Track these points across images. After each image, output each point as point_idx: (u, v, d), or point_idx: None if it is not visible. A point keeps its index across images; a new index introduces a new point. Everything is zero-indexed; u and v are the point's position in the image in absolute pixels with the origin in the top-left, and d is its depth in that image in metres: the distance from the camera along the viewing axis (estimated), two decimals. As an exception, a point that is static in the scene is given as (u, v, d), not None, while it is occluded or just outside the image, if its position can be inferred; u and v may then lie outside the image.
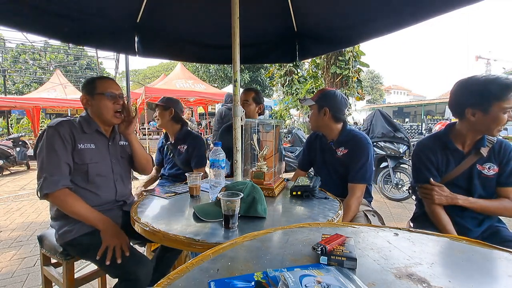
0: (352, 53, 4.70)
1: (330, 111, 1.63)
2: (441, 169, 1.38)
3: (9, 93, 18.59)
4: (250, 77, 18.30)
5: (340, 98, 1.65)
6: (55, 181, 1.22)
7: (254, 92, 2.19)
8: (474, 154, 1.32)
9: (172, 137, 2.17)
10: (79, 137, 1.33)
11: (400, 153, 4.21)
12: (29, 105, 10.28)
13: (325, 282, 0.56)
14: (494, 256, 0.73)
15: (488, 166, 1.31)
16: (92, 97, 1.38)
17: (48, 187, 1.21)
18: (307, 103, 1.73)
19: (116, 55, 10.76)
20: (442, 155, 1.38)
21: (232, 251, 0.74)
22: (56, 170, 1.24)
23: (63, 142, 1.27)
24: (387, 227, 0.90)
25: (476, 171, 1.32)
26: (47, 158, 1.24)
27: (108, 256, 1.18)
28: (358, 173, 1.54)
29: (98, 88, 1.38)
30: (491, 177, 1.31)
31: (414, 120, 25.87)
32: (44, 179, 1.22)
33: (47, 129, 1.29)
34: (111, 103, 1.39)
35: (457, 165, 1.35)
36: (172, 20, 2.21)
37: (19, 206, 4.01)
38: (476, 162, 1.32)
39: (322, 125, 1.69)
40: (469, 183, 1.34)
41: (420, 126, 10.86)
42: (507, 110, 1.21)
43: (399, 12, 1.58)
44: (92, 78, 1.45)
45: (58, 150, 1.25)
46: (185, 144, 2.10)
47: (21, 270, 2.28)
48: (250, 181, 1.18)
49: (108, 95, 1.38)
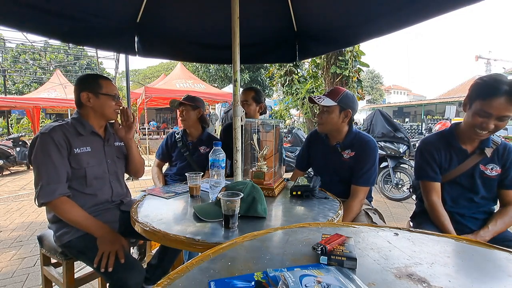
0: (352, 53, 4.69)
1: (352, 114, 1.57)
2: (444, 166, 1.38)
3: (9, 93, 18.57)
4: (250, 77, 18.29)
5: (356, 100, 1.61)
6: (52, 190, 1.21)
7: (254, 91, 2.15)
8: (478, 154, 1.32)
9: (194, 137, 2.14)
10: (74, 142, 1.31)
11: (400, 153, 4.21)
12: (29, 105, 10.27)
13: (325, 282, 0.56)
14: (494, 256, 0.73)
15: (491, 167, 1.31)
16: (97, 96, 1.38)
17: (44, 196, 1.20)
18: (326, 103, 1.53)
19: (116, 55, 10.75)
20: (446, 152, 1.38)
21: (232, 251, 0.74)
22: (52, 178, 1.22)
23: (58, 149, 1.25)
24: (387, 227, 0.90)
25: (478, 171, 1.32)
26: (42, 166, 1.23)
27: (102, 263, 1.17)
28: (363, 176, 1.52)
29: (103, 89, 1.39)
30: (493, 177, 1.31)
31: (414, 120, 25.85)
32: (41, 187, 1.21)
33: (40, 136, 1.26)
34: (114, 104, 1.44)
35: (460, 164, 1.35)
36: (172, 20, 2.21)
37: (19, 206, 4.01)
38: (480, 162, 1.32)
39: (336, 128, 1.59)
40: (471, 182, 1.34)
41: (420, 126, 10.87)
42: (483, 114, 1.19)
43: (399, 12, 1.57)
44: (93, 76, 1.45)
45: (54, 157, 1.24)
46: (208, 146, 2.09)
47: (21, 270, 2.28)
48: (250, 181, 1.18)
49: (113, 96, 1.42)
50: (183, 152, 2.10)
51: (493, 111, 1.16)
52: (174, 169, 2.14)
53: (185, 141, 2.13)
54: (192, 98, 2.11)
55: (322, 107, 1.58)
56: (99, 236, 1.25)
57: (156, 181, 2.10)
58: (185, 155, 2.10)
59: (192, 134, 2.15)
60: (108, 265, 1.17)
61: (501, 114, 1.16)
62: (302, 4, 2.06)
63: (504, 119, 1.18)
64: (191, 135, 2.16)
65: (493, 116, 1.17)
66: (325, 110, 1.57)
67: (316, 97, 1.57)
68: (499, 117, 1.17)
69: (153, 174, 2.16)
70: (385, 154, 4.30)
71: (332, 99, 1.54)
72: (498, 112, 1.16)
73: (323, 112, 1.58)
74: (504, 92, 1.13)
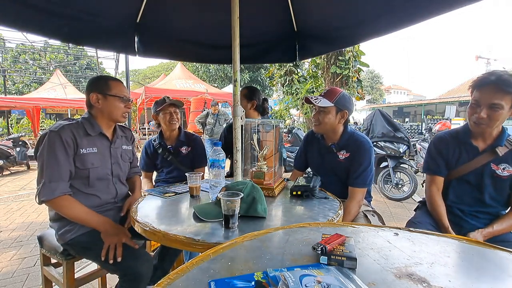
0: (352, 53, 4.69)
1: (348, 115, 1.58)
2: (451, 162, 1.39)
3: (9, 93, 18.58)
4: (250, 77, 18.29)
5: (352, 100, 1.63)
6: (53, 188, 1.22)
7: (247, 89, 2.14)
8: (490, 152, 1.30)
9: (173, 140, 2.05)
10: (81, 142, 1.32)
11: (400, 153, 4.21)
12: (29, 105, 10.28)
13: (325, 282, 0.56)
14: (494, 256, 0.73)
15: (503, 167, 1.28)
16: (105, 97, 1.38)
17: (45, 194, 1.21)
18: (323, 104, 1.52)
19: (116, 55, 10.77)
20: (455, 148, 1.39)
21: (232, 251, 0.74)
22: (55, 177, 1.23)
23: (64, 148, 1.26)
24: (387, 227, 0.90)
25: (489, 170, 1.30)
26: (47, 163, 1.23)
27: (110, 255, 1.19)
28: (359, 177, 1.52)
29: (112, 90, 1.39)
30: (505, 178, 1.28)
31: (414, 120, 25.83)
32: (43, 185, 1.21)
33: (48, 133, 1.27)
34: (123, 106, 1.43)
35: (470, 161, 1.34)
36: (172, 20, 2.21)
37: (19, 206, 4.01)
38: (491, 161, 1.30)
39: (332, 129, 1.60)
40: (479, 181, 1.33)
41: (420, 126, 10.88)
42: (474, 104, 1.25)
43: (399, 11, 1.57)
44: (104, 77, 1.45)
45: (59, 156, 1.24)
46: (188, 146, 2.06)
47: (21, 270, 2.28)
48: (250, 181, 1.18)
49: (122, 98, 1.42)
50: (166, 157, 2.03)
51: (481, 99, 1.22)
52: (162, 175, 2.10)
53: (165, 146, 2.04)
54: (177, 100, 2.03)
55: (319, 108, 1.57)
56: (103, 230, 1.26)
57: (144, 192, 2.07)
58: (169, 160, 2.03)
59: (171, 137, 2.05)
60: (117, 255, 1.19)
61: (489, 102, 1.20)
62: (302, 4, 2.06)
63: (494, 108, 1.20)
64: (170, 139, 2.06)
65: (482, 105, 1.22)
66: (321, 110, 1.56)
67: (312, 98, 1.56)
68: (489, 106, 1.20)
69: (143, 185, 2.03)
70: (385, 154, 4.30)
71: (328, 100, 1.54)
72: (486, 100, 1.20)
73: (320, 113, 1.57)
74: (491, 81, 1.20)
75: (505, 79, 1.17)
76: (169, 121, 1.96)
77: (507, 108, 1.19)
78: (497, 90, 1.18)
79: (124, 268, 1.20)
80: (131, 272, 1.19)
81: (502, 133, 1.30)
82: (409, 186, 4.19)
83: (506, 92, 1.17)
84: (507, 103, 1.18)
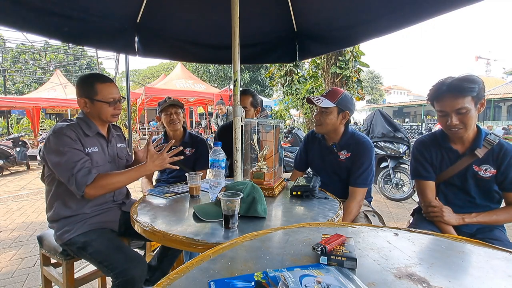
0: (352, 53, 4.69)
1: (350, 115, 1.57)
2: (436, 166, 1.38)
3: (9, 93, 18.58)
4: (250, 77, 18.29)
5: (354, 101, 1.61)
6: (87, 172, 1.23)
7: (251, 96, 2.10)
8: (470, 155, 1.30)
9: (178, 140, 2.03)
10: (84, 141, 1.33)
11: (400, 153, 4.21)
12: (29, 105, 10.28)
13: (325, 282, 0.56)
14: (494, 256, 0.73)
15: (485, 167, 1.28)
16: (92, 102, 1.36)
17: (82, 183, 1.20)
18: (325, 105, 1.52)
19: (116, 55, 10.75)
20: (437, 152, 1.38)
21: (232, 251, 0.74)
22: (82, 164, 1.23)
23: (75, 143, 1.27)
24: (387, 227, 0.90)
25: (471, 172, 1.30)
26: (67, 158, 1.22)
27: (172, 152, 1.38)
28: (360, 177, 1.52)
29: (99, 94, 1.35)
30: (487, 178, 1.28)
31: (414, 120, 25.87)
32: (75, 177, 1.20)
33: (53, 134, 1.26)
34: (112, 109, 1.40)
35: (453, 164, 1.34)
36: (172, 20, 2.21)
37: (19, 206, 4.01)
38: (473, 163, 1.30)
39: (334, 129, 1.59)
40: (464, 183, 1.33)
41: (420, 126, 10.87)
42: (442, 114, 1.26)
43: (399, 12, 1.58)
44: (90, 78, 1.39)
45: (75, 147, 1.26)
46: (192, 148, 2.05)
47: (21, 270, 2.28)
48: (250, 181, 1.18)
49: (109, 103, 1.37)
50: None
51: (446, 108, 1.23)
52: (164, 175, 2.11)
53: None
54: (177, 101, 2.02)
55: (320, 108, 1.57)
56: (148, 169, 1.32)
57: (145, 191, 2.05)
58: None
59: (175, 138, 2.03)
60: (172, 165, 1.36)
61: (454, 108, 1.21)
62: (302, 4, 2.06)
63: (462, 112, 1.20)
64: (174, 140, 1.97)
65: (449, 112, 1.23)
66: (323, 111, 1.56)
67: (314, 98, 1.56)
68: (456, 112, 1.21)
69: (143, 185, 2.03)
70: (385, 154, 4.30)
71: (330, 100, 1.54)
72: (450, 107, 1.22)
73: (321, 113, 1.57)
74: (444, 91, 1.22)
75: (456, 85, 1.19)
76: (169, 121, 1.97)
77: (473, 108, 1.20)
78: (455, 97, 1.19)
79: (117, 270, 1.19)
80: (124, 275, 1.18)
81: (479, 134, 1.29)
82: (409, 186, 4.19)
83: (464, 95, 1.18)
84: (470, 104, 1.19)
